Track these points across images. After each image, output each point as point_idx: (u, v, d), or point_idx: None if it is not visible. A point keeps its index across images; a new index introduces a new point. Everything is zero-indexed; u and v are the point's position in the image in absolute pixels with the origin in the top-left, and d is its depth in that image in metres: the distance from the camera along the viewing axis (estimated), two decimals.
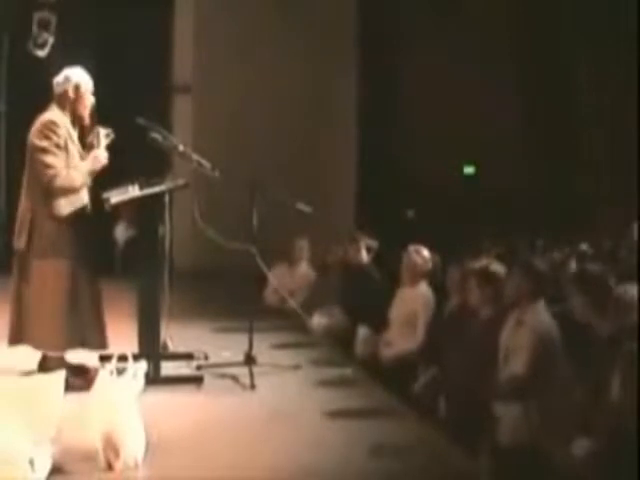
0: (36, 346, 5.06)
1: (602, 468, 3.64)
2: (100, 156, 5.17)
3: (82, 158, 5.20)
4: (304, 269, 8.57)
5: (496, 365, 4.72)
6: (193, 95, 11.73)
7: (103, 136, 5.25)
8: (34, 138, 5.04)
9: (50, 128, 5.02)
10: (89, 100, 5.25)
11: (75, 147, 5.18)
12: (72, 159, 5.10)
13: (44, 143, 4.99)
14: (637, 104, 11.95)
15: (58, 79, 5.20)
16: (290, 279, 8.29)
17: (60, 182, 4.99)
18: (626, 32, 12.18)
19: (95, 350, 5.17)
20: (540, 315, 4.67)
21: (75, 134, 5.23)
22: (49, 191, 5.00)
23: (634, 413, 3.63)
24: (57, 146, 5.02)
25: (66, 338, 5.02)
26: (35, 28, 9.33)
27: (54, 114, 5.11)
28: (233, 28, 11.59)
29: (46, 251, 4.99)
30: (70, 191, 5.07)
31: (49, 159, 4.98)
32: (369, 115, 12.53)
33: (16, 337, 5.07)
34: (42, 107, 5.20)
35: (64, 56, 5.36)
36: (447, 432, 4.54)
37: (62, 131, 5.06)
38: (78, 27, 10.67)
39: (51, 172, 4.97)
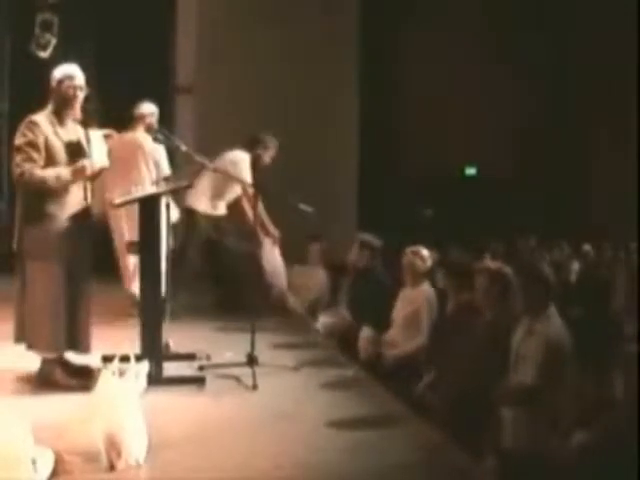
0: (29, 347, 5.06)
1: (603, 468, 3.64)
2: (87, 165, 5.04)
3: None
4: (319, 272, 8.46)
5: (501, 366, 4.70)
6: (195, 96, 11.72)
7: (97, 140, 5.19)
8: (15, 138, 5.02)
9: (27, 127, 4.98)
10: (82, 94, 5.15)
11: (63, 144, 5.04)
12: (56, 157, 4.99)
13: (19, 141, 4.97)
14: (637, 105, 11.96)
15: (53, 75, 5.13)
16: (303, 281, 8.22)
17: (26, 180, 4.91)
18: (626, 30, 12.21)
19: (79, 353, 5.15)
20: (551, 324, 4.60)
21: (67, 131, 5.12)
22: (22, 189, 4.97)
23: (634, 413, 3.62)
24: (31, 144, 4.93)
25: (57, 340, 5.00)
26: (37, 29, 9.34)
27: (38, 114, 5.05)
28: (235, 29, 11.58)
29: (37, 253, 4.94)
30: (44, 189, 4.92)
31: (18, 157, 4.94)
32: (370, 115, 12.52)
33: (18, 335, 5.09)
34: (44, 108, 5.18)
35: (66, 57, 5.33)
36: (450, 433, 4.53)
37: (41, 129, 4.97)
38: (80, 28, 10.68)
39: (17, 170, 4.93)
